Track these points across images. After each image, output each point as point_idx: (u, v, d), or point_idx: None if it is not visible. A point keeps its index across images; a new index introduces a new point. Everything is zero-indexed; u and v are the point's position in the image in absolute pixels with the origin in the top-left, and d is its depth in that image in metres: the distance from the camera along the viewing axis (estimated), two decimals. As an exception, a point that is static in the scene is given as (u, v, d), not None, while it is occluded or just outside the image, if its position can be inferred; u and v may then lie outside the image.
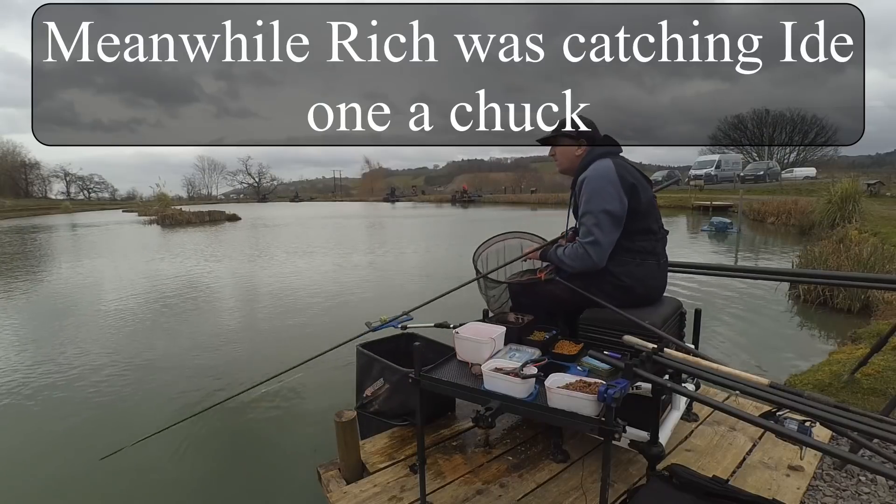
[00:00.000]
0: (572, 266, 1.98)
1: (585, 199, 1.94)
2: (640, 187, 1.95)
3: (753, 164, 36.85)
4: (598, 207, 1.89)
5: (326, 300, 6.91)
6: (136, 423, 3.44)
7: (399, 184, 79.08)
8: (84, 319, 6.19)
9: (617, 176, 1.91)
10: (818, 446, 1.19)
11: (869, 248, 6.69)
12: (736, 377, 1.41)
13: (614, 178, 1.90)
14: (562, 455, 2.01)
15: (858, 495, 1.88)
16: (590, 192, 1.92)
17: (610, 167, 1.94)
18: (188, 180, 79.81)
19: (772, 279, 5.37)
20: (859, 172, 22.85)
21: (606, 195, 1.89)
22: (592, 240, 1.90)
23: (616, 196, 1.89)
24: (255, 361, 4.52)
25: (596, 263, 1.91)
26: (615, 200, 1.88)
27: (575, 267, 1.97)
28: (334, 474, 1.99)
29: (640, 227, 1.94)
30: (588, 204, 1.92)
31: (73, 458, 3.01)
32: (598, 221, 1.89)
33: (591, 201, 1.91)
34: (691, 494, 1.41)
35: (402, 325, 2.54)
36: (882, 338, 2.75)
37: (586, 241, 1.91)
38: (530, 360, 1.55)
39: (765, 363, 4.18)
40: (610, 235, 1.90)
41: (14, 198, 53.59)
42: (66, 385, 4.04)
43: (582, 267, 1.95)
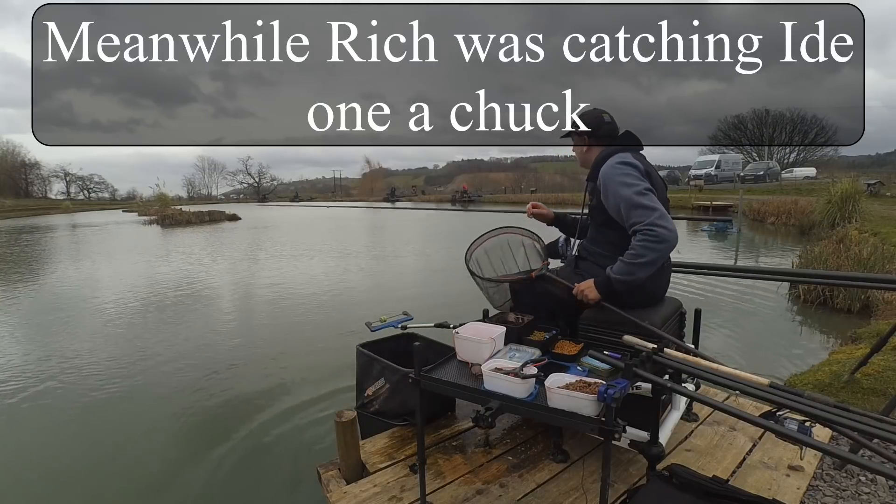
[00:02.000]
0: (647, 259, 1.74)
1: (614, 190, 1.84)
2: (656, 186, 1.91)
3: (753, 164, 36.85)
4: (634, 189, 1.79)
5: (326, 300, 6.91)
6: (135, 422, 3.45)
7: (399, 184, 79.02)
8: (84, 319, 6.19)
9: (638, 165, 1.88)
10: (818, 446, 1.19)
11: (869, 248, 6.69)
12: (736, 377, 1.41)
13: (636, 165, 1.87)
14: (562, 455, 2.01)
15: (858, 495, 1.88)
16: (617, 181, 1.84)
17: (629, 158, 1.90)
18: (188, 180, 79.69)
19: (772, 279, 5.37)
20: (859, 172, 22.84)
21: (633, 178, 1.82)
22: (655, 214, 1.72)
23: (640, 179, 1.83)
24: (256, 361, 4.52)
25: (669, 235, 1.73)
26: (642, 181, 1.82)
27: (650, 258, 1.74)
28: (334, 474, 1.99)
29: None
30: (621, 189, 1.81)
31: (73, 458, 3.01)
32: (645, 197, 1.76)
33: (623, 187, 1.81)
34: (691, 494, 1.41)
35: (402, 325, 2.54)
36: (882, 338, 2.75)
37: (650, 220, 1.72)
38: (530, 360, 1.55)
39: (765, 363, 4.18)
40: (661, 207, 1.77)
41: (14, 198, 53.58)
42: (74, 381, 4.04)
43: (658, 254, 1.75)
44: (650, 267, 1.76)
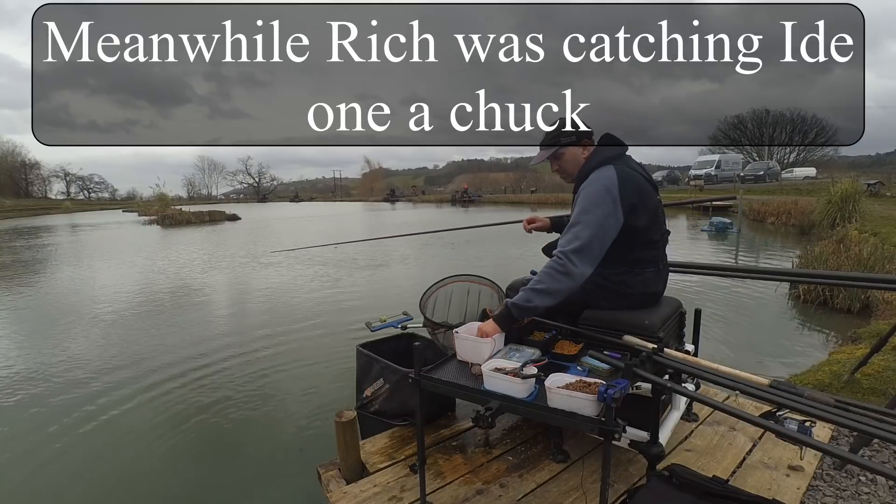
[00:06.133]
0: (546, 288, 1.66)
1: (580, 209, 1.74)
2: (646, 196, 1.81)
3: (753, 164, 36.82)
4: (592, 219, 1.70)
5: (326, 300, 6.91)
6: (134, 423, 3.44)
7: (399, 184, 79.06)
8: (85, 319, 6.19)
9: (618, 189, 1.72)
10: (818, 446, 1.19)
11: (869, 248, 6.69)
12: (736, 377, 1.41)
13: (615, 192, 1.72)
14: (562, 455, 2.01)
15: (858, 495, 1.88)
16: (586, 202, 1.73)
17: (612, 178, 1.75)
18: (188, 180, 79.77)
19: (772, 279, 5.37)
20: (859, 172, 22.85)
21: (604, 208, 1.70)
22: (578, 246, 1.66)
23: (613, 212, 1.71)
24: (256, 361, 4.52)
25: (576, 274, 1.65)
26: (611, 217, 1.71)
27: (550, 288, 1.66)
28: (334, 474, 1.99)
29: (641, 239, 1.82)
30: (582, 213, 1.72)
31: (74, 459, 3.01)
32: (590, 233, 1.68)
33: (587, 211, 1.72)
34: (691, 494, 1.41)
35: (402, 325, 2.55)
36: (882, 338, 2.75)
37: (569, 249, 1.66)
38: (530, 360, 1.55)
39: (765, 363, 4.18)
40: (594, 251, 1.69)
41: (14, 198, 53.58)
42: (74, 382, 4.04)
43: (559, 285, 1.66)
44: (548, 297, 1.66)
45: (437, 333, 2.11)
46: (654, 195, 1.89)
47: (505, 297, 2.16)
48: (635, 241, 1.82)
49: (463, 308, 2.19)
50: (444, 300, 2.19)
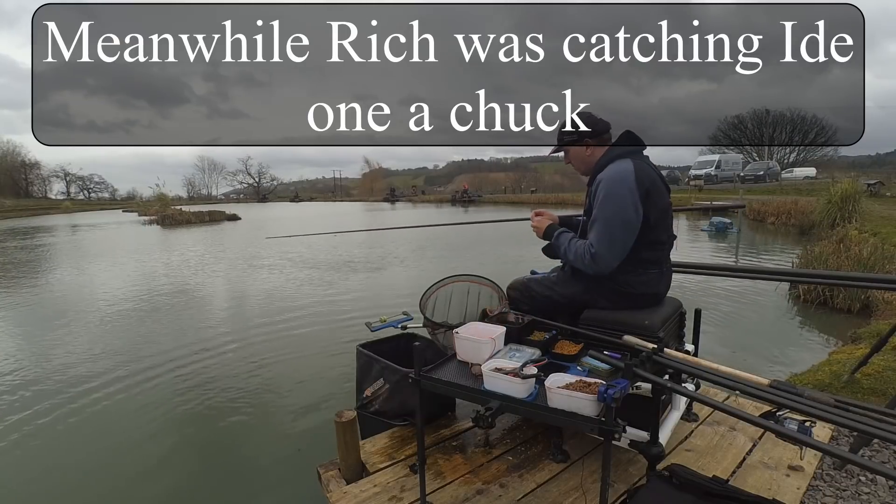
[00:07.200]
0: (572, 262, 1.94)
1: (599, 203, 1.83)
2: (657, 194, 1.85)
3: (753, 164, 36.82)
4: (612, 214, 1.79)
5: (326, 301, 6.91)
6: (134, 423, 3.44)
7: (399, 184, 78.98)
8: (84, 319, 6.19)
9: (635, 182, 1.79)
10: (818, 446, 1.18)
11: (869, 248, 6.69)
12: (736, 377, 1.41)
13: (632, 184, 1.78)
14: (562, 455, 2.01)
15: (858, 495, 1.88)
16: (604, 196, 1.81)
17: (629, 170, 1.81)
18: (188, 180, 79.74)
19: (772, 279, 5.37)
20: (859, 172, 22.85)
21: (621, 201, 1.78)
22: (595, 253, 1.82)
23: (632, 204, 1.77)
24: (256, 361, 4.52)
25: (598, 269, 1.85)
26: (630, 209, 1.77)
27: (574, 264, 1.94)
28: (334, 474, 1.99)
29: (647, 238, 1.84)
30: (601, 209, 1.81)
31: (73, 459, 3.01)
32: (610, 232, 1.80)
33: (605, 206, 1.80)
34: (691, 494, 1.41)
35: (402, 325, 2.54)
36: (882, 338, 2.75)
37: (592, 252, 1.83)
38: (530, 360, 1.55)
39: (765, 363, 4.18)
40: (618, 247, 1.81)
41: (14, 198, 53.58)
42: (75, 382, 4.05)
43: (581, 267, 1.90)
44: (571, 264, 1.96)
45: (437, 333, 2.13)
46: (666, 196, 1.93)
47: (505, 297, 2.18)
48: (642, 240, 1.84)
49: (463, 308, 2.20)
50: (444, 300, 2.22)
